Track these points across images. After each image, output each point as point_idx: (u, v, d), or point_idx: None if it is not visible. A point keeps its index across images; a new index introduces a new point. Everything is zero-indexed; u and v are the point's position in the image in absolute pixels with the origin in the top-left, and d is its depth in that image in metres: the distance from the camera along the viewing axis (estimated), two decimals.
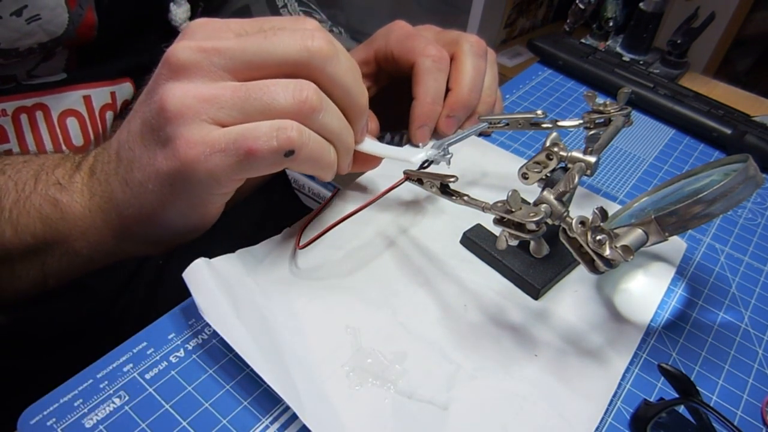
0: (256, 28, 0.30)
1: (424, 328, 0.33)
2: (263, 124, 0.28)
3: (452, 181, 0.34)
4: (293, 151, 0.28)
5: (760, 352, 0.36)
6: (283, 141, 0.28)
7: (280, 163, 0.29)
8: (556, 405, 0.30)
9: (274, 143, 0.28)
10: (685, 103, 0.58)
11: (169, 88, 0.28)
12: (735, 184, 0.30)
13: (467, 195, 0.34)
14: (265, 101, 0.28)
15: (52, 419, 0.28)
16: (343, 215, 0.36)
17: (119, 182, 0.31)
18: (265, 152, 0.28)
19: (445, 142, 0.38)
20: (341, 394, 0.29)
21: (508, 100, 0.59)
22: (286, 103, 0.28)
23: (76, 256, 0.33)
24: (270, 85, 0.28)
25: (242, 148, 0.28)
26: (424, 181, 0.36)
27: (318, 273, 0.36)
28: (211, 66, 0.28)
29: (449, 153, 0.38)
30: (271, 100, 0.28)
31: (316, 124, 0.29)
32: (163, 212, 0.31)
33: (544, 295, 0.37)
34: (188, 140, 0.27)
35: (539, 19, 1.50)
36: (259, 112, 0.28)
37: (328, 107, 0.30)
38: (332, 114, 0.30)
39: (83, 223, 0.32)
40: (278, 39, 0.29)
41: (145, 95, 0.30)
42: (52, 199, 0.31)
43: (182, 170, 0.28)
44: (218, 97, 0.28)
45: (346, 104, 0.31)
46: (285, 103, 0.28)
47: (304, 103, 0.28)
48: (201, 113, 0.28)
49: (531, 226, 0.29)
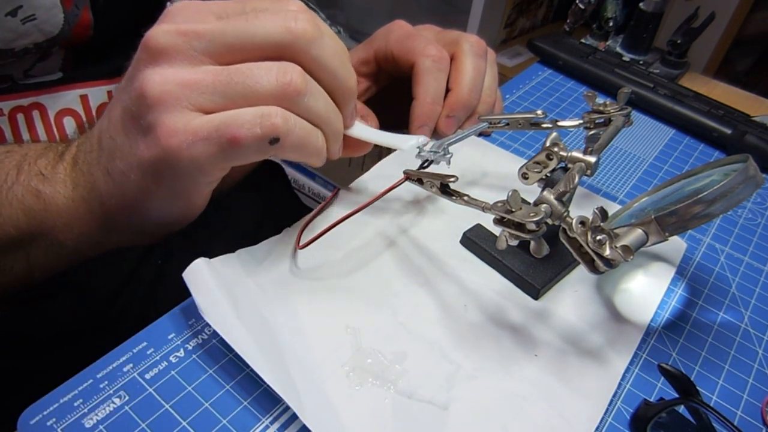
0: (238, 10, 0.29)
1: (424, 328, 0.33)
2: (247, 110, 0.27)
3: (452, 181, 0.34)
4: (278, 138, 0.28)
5: (760, 352, 0.36)
6: (267, 128, 0.27)
7: (265, 151, 0.28)
8: (556, 405, 0.30)
9: (257, 130, 0.27)
10: (685, 103, 0.58)
11: (149, 74, 0.27)
12: (735, 184, 0.30)
13: (467, 195, 0.34)
14: (248, 85, 0.27)
15: (52, 419, 0.28)
16: (343, 215, 0.36)
17: (101, 172, 0.30)
18: (249, 140, 0.27)
19: (445, 142, 0.38)
20: (341, 394, 0.29)
21: (508, 100, 0.59)
22: (269, 86, 0.27)
23: (61, 247, 0.32)
24: (253, 68, 0.27)
25: (225, 135, 0.27)
26: (424, 181, 0.36)
27: (318, 273, 0.36)
28: (191, 50, 0.27)
29: (449, 153, 0.38)
30: (254, 84, 0.27)
31: (301, 108, 0.28)
32: (146, 201, 0.30)
33: (544, 295, 0.37)
34: (169, 128, 0.27)
35: (539, 19, 1.50)
36: (242, 97, 0.27)
37: (314, 90, 0.29)
38: (318, 97, 0.29)
39: (67, 215, 0.31)
40: (260, 21, 0.28)
41: (125, 82, 0.29)
42: (35, 190, 0.31)
43: (164, 159, 0.27)
44: (199, 82, 0.27)
45: (333, 87, 0.30)
46: (268, 86, 0.27)
47: (288, 85, 0.27)
48: (182, 99, 0.27)
49: (531, 226, 0.29)
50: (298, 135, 0.28)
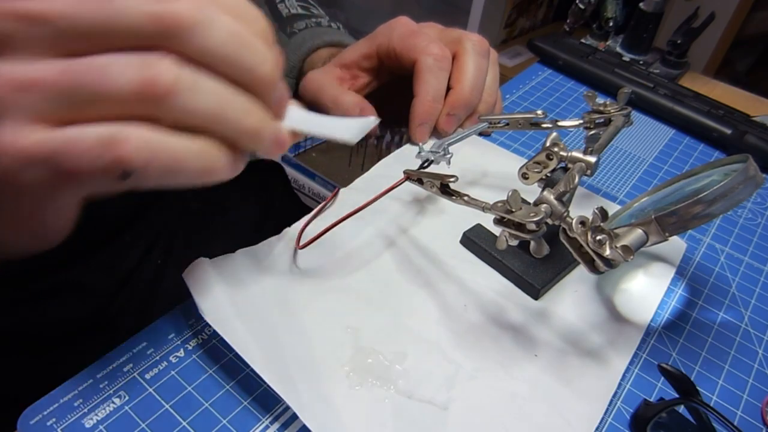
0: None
1: (424, 328, 0.33)
2: (89, 132, 0.21)
3: (452, 181, 0.34)
4: (130, 173, 0.21)
5: (760, 352, 0.36)
6: (111, 162, 0.20)
7: (118, 186, 0.22)
8: (556, 405, 0.30)
9: (99, 164, 0.20)
10: (685, 103, 0.58)
11: None
12: (735, 184, 0.30)
13: (467, 195, 0.33)
14: (99, 86, 0.20)
15: (52, 419, 0.28)
16: (343, 215, 0.36)
17: None
18: (90, 175, 0.21)
19: (445, 142, 0.38)
20: (341, 394, 0.29)
21: (508, 100, 0.59)
22: (127, 87, 0.21)
23: None
24: (107, 64, 0.21)
25: (60, 166, 0.20)
26: (424, 181, 0.36)
27: (318, 273, 0.36)
28: (30, 38, 0.20)
29: (449, 153, 0.38)
30: (106, 84, 0.20)
31: (175, 112, 0.22)
32: None
33: (544, 295, 0.37)
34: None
35: (539, 19, 1.50)
36: (90, 103, 0.21)
37: (195, 85, 0.22)
38: (204, 92, 0.22)
39: None
40: (124, 1, 0.21)
41: None
42: None
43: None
44: (37, 83, 0.20)
45: (237, 77, 0.23)
46: (127, 86, 0.21)
47: (152, 84, 0.21)
48: (14, 107, 0.20)
49: (531, 226, 0.29)
50: (167, 159, 0.21)
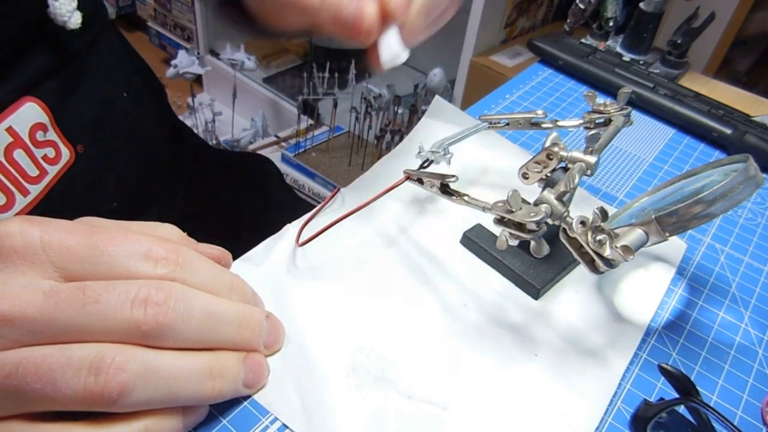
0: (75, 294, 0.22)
1: (423, 328, 0.33)
2: None
3: (452, 181, 0.34)
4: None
5: (760, 352, 0.36)
6: None
7: None
8: (556, 405, 0.30)
9: None
10: (685, 103, 0.58)
11: None
12: (735, 184, 0.30)
13: (467, 195, 0.34)
14: (42, 393, 0.21)
15: None
16: (342, 214, 0.36)
17: None
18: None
19: (445, 142, 0.38)
20: (341, 395, 0.29)
21: (508, 100, 0.59)
22: (73, 396, 0.21)
23: None
24: (56, 370, 0.21)
25: None
26: (424, 181, 0.36)
27: (317, 272, 0.36)
28: None
29: (449, 153, 0.38)
30: (50, 393, 0.21)
31: (126, 408, 0.23)
32: None
33: (544, 295, 0.37)
34: None
35: (539, 19, 1.50)
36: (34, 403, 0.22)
37: (148, 382, 0.23)
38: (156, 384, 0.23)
39: None
40: (97, 309, 0.22)
41: None
42: None
43: None
44: None
45: (216, 347, 0.26)
46: (72, 395, 0.21)
47: (100, 394, 0.21)
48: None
49: (531, 226, 0.29)
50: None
